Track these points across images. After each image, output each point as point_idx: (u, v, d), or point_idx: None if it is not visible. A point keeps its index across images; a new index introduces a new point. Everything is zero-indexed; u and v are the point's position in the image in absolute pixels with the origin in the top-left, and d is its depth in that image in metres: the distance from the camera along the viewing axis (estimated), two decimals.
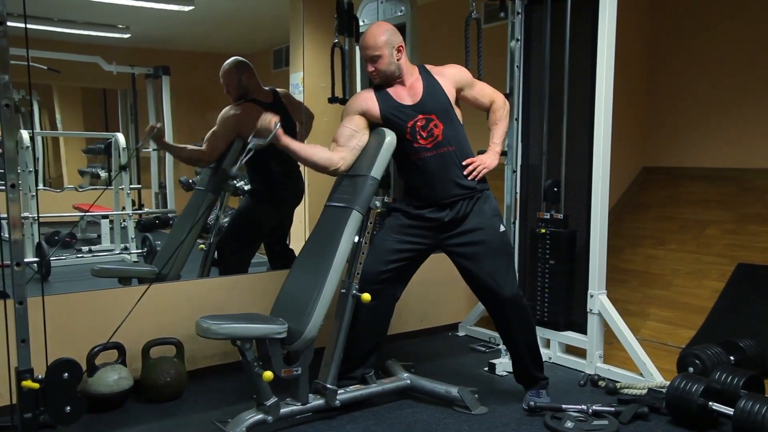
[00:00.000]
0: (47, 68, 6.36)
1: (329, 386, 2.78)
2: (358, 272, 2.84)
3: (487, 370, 3.46)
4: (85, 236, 6.36)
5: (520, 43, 3.59)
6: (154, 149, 7.18)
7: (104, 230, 5.99)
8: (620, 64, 3.28)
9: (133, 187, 6.31)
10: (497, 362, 3.43)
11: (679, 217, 4.52)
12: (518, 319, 2.90)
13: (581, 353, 3.44)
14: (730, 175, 4.44)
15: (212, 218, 3.92)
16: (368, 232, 2.85)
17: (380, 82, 2.87)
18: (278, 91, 3.81)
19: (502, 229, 2.88)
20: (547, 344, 3.61)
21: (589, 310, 3.33)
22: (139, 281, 3.64)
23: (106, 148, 6.59)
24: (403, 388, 3.06)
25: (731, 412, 2.56)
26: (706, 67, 4.63)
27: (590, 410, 2.80)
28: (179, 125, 7.03)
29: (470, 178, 2.84)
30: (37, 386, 2.24)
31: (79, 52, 6.86)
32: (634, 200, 4.87)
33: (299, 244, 3.11)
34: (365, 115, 2.86)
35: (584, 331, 3.39)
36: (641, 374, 3.15)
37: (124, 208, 5.96)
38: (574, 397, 3.08)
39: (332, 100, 3.91)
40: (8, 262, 2.26)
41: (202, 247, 3.82)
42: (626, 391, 3.09)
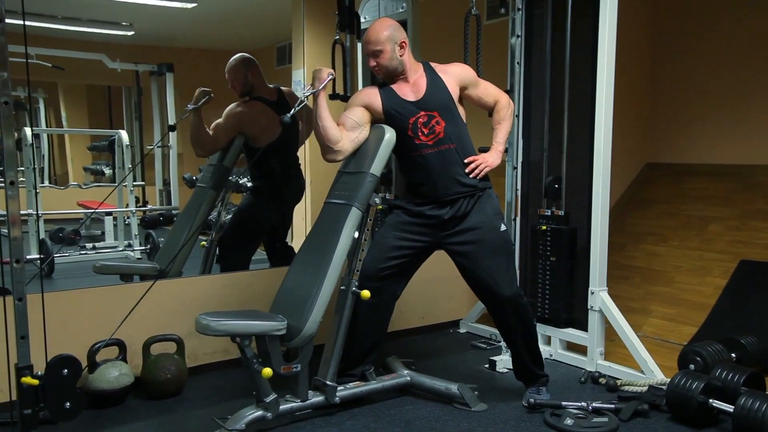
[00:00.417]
0: (51, 65, 6.39)
1: (329, 383, 2.78)
2: (357, 269, 2.84)
3: (487, 367, 3.46)
4: (89, 233, 6.39)
5: (520, 39, 3.57)
6: (162, 145, 7.21)
7: (108, 227, 6.02)
8: (622, 60, 3.27)
9: (136, 184, 6.32)
10: (498, 359, 3.42)
11: (681, 213, 4.50)
12: (518, 317, 2.90)
13: (582, 350, 3.43)
14: (733, 171, 4.41)
15: (214, 215, 3.93)
16: (368, 228, 2.85)
17: (383, 77, 2.87)
18: (283, 89, 3.81)
19: (502, 228, 2.88)
20: (548, 341, 3.61)
21: (589, 307, 3.32)
22: (140, 278, 3.66)
23: (109, 145, 6.61)
24: (403, 385, 3.06)
25: (731, 409, 2.56)
26: (709, 62, 4.61)
27: (590, 407, 2.79)
28: (183, 122, 7.03)
29: (472, 176, 2.84)
30: (36, 382, 2.25)
31: (83, 49, 6.88)
32: (636, 196, 4.85)
33: (301, 241, 3.11)
34: (368, 108, 2.86)
35: (585, 328, 3.38)
36: (642, 371, 3.14)
37: (127, 205, 5.97)
38: (574, 394, 3.07)
39: (333, 96, 3.90)
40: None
41: (203, 244, 3.83)
42: (627, 388, 3.08)
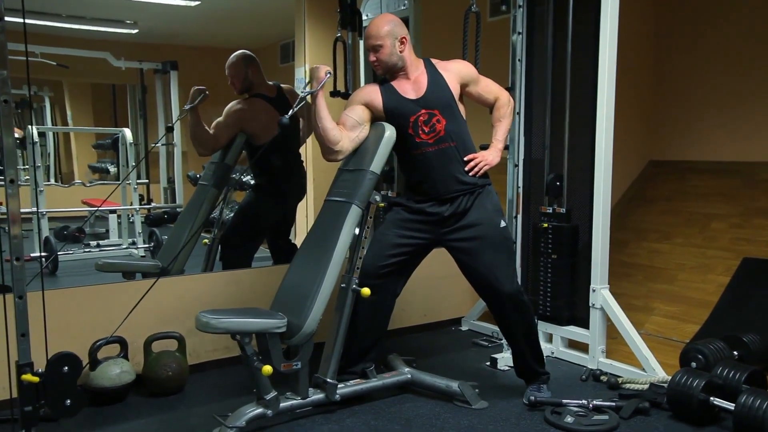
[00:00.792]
0: (56, 64, 6.41)
1: (329, 380, 2.78)
2: (358, 267, 2.84)
3: (489, 364, 3.46)
4: (93, 231, 6.41)
5: (522, 36, 3.56)
6: (163, 144, 7.23)
7: (112, 225, 6.04)
8: (625, 57, 3.26)
9: (140, 182, 6.34)
10: (499, 357, 3.42)
11: (684, 210, 4.49)
12: (518, 314, 2.89)
13: (584, 348, 3.43)
14: (736, 168, 4.40)
15: (216, 213, 3.94)
16: (368, 226, 2.85)
17: (383, 73, 2.87)
18: (283, 86, 3.81)
19: (502, 224, 2.87)
20: (549, 339, 3.61)
21: (591, 304, 3.32)
22: (142, 276, 3.67)
23: (113, 143, 6.63)
24: (403, 382, 3.06)
25: (732, 407, 2.55)
26: (713, 60, 4.59)
27: (591, 405, 2.79)
28: (187, 119, 7.05)
29: (471, 174, 2.83)
30: (36, 380, 2.25)
31: (88, 48, 6.91)
32: (639, 194, 4.84)
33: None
34: (369, 106, 2.85)
35: (587, 325, 3.38)
36: (643, 369, 3.13)
37: (132, 203, 5.99)
38: (575, 391, 3.07)
39: (334, 94, 3.90)
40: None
41: (206, 241, 3.84)
42: (628, 386, 3.08)
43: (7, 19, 2.16)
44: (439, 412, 2.86)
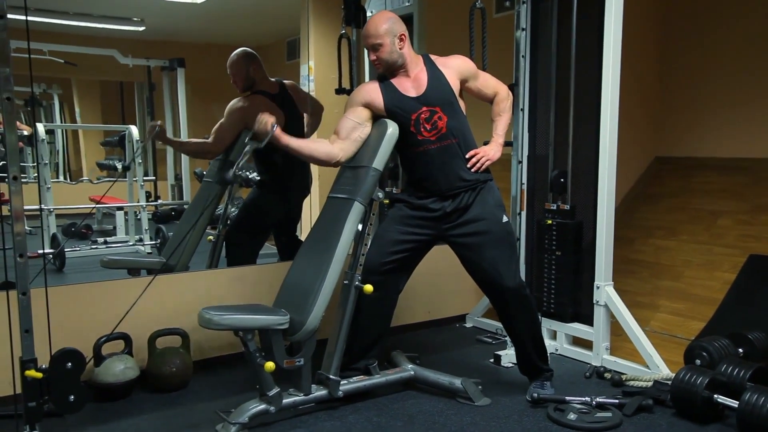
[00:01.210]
0: (64, 61, 6.44)
1: (332, 377, 2.79)
2: (360, 264, 2.84)
3: (492, 361, 3.45)
4: (101, 227, 6.44)
5: (525, 32, 3.55)
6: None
7: (119, 222, 6.06)
8: (631, 53, 3.24)
9: (147, 178, 6.36)
10: (503, 353, 3.42)
11: (691, 207, 4.47)
12: (521, 309, 2.89)
13: (588, 345, 3.42)
14: (743, 165, 4.36)
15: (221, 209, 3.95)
16: (371, 223, 2.85)
17: (383, 71, 2.86)
18: (285, 82, 3.82)
19: (504, 219, 2.87)
20: (553, 336, 3.60)
21: (595, 301, 3.31)
22: (147, 272, 3.68)
23: (120, 140, 6.66)
24: (406, 379, 3.06)
25: (736, 404, 2.53)
26: (719, 56, 4.55)
27: (594, 402, 2.78)
28: (195, 116, 7.09)
29: (473, 170, 2.83)
30: (40, 376, 2.27)
31: (95, 45, 6.93)
32: (645, 190, 4.82)
33: None
34: (369, 106, 2.85)
35: (591, 322, 3.37)
36: (647, 366, 3.13)
37: (138, 199, 6.01)
38: (579, 388, 3.06)
39: (339, 91, 3.91)
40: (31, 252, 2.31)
41: (210, 238, 3.85)
42: (632, 383, 3.07)
43: (12, 17, 2.18)
44: (441, 408, 2.86)
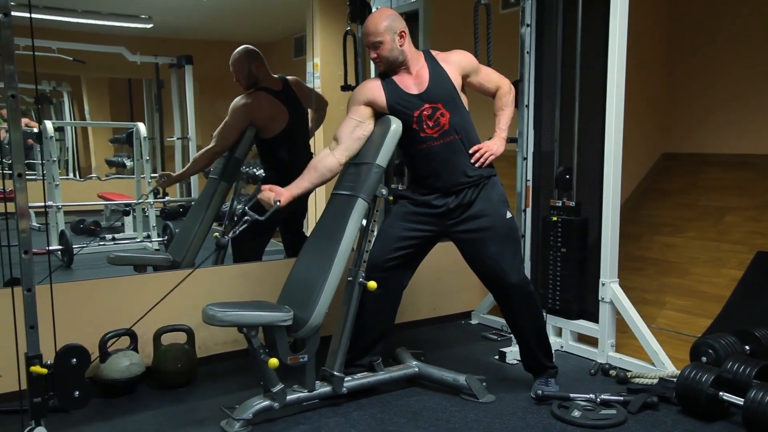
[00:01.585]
0: (72, 59, 6.48)
1: (336, 373, 2.79)
2: (364, 260, 2.84)
3: (497, 358, 3.45)
4: (109, 224, 6.48)
5: (530, 28, 3.54)
6: (178, 138, 7.29)
7: (127, 218, 6.10)
8: (637, 50, 3.23)
9: (154, 176, 6.38)
10: (508, 350, 3.41)
11: (698, 204, 4.44)
12: (525, 305, 2.88)
13: (593, 342, 3.41)
14: (750, 161, 4.34)
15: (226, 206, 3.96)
16: (374, 219, 2.85)
17: (384, 68, 2.85)
18: (288, 78, 3.81)
19: (508, 215, 2.86)
20: (559, 333, 3.59)
21: (600, 298, 3.29)
22: (153, 269, 3.70)
23: (128, 137, 6.69)
24: (411, 375, 3.06)
25: (741, 402, 2.52)
26: (727, 52, 4.53)
27: (598, 399, 2.78)
28: (202, 113, 7.11)
29: (477, 165, 2.82)
30: (45, 371, 2.29)
31: (104, 43, 6.96)
32: (652, 187, 4.80)
33: None
34: (371, 105, 2.84)
35: (596, 319, 3.36)
36: (653, 363, 3.11)
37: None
38: (584, 386, 3.05)
39: (345, 87, 3.91)
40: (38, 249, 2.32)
41: (216, 234, 3.85)
42: (637, 380, 3.06)
43: (18, 14, 2.19)
44: (446, 405, 2.86)
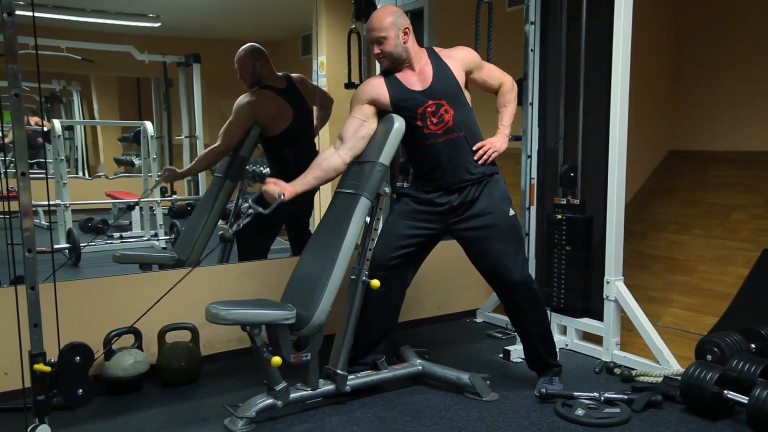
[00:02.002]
0: (81, 58, 6.50)
1: (339, 372, 2.80)
2: (367, 258, 2.84)
3: (501, 356, 3.44)
4: (117, 223, 6.51)
5: (535, 26, 3.52)
6: (186, 136, 7.31)
7: (135, 217, 6.13)
8: (643, 47, 3.21)
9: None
10: (512, 349, 3.40)
11: (705, 201, 4.41)
12: (528, 303, 2.88)
13: (598, 340, 3.40)
14: (758, 158, 4.30)
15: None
16: (378, 218, 2.85)
17: (388, 65, 2.85)
18: (293, 76, 3.82)
19: (511, 213, 2.85)
20: (563, 331, 3.58)
21: (605, 296, 3.28)
22: (159, 267, 3.72)
23: (135, 136, 6.72)
24: (414, 374, 3.06)
25: (746, 400, 2.51)
26: (733, 49, 4.49)
27: (602, 398, 2.77)
28: (210, 112, 7.12)
29: (480, 162, 2.81)
30: (49, 369, 2.30)
31: (112, 42, 6.98)
32: (659, 184, 4.77)
33: None
34: (375, 103, 2.84)
35: (601, 317, 3.35)
36: (658, 362, 3.10)
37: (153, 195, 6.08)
38: (588, 384, 3.04)
39: (349, 85, 3.90)
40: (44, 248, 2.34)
41: (221, 233, 3.86)
42: (641, 378, 3.05)
43: (22, 13, 2.21)
44: (449, 404, 2.86)
